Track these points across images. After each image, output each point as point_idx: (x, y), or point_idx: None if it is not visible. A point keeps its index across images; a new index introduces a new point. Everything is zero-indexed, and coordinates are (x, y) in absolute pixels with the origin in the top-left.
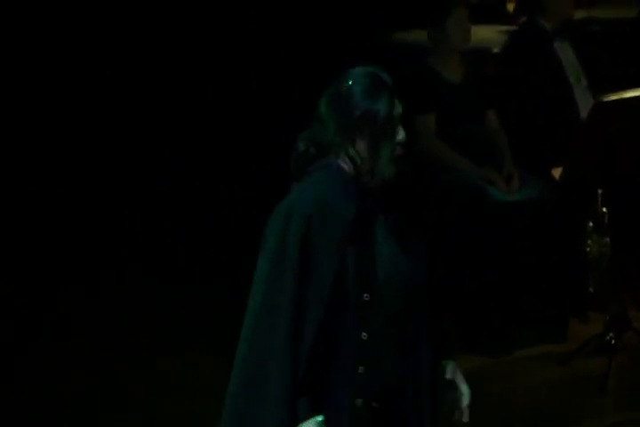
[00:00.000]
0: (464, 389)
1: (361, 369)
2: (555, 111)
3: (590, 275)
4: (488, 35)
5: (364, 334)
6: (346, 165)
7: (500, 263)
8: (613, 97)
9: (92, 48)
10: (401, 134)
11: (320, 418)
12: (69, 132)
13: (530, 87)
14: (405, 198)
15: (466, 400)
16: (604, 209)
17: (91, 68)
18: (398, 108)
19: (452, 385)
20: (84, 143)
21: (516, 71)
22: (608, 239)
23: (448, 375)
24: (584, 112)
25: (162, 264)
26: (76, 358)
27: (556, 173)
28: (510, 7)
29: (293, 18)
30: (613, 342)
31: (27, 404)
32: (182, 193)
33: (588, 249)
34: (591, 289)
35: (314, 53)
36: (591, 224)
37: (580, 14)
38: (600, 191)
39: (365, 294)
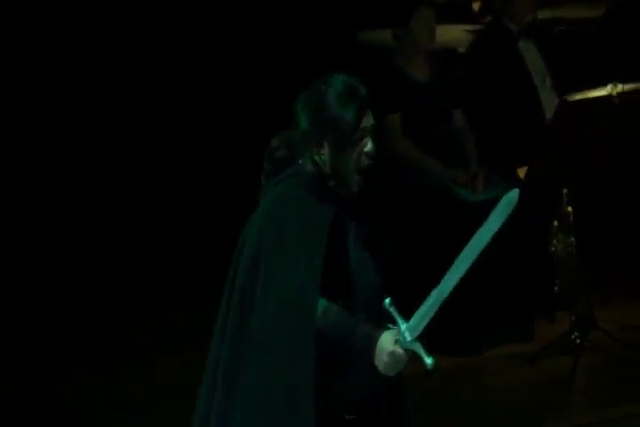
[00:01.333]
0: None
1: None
2: (519, 111)
3: (556, 275)
4: (454, 34)
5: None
6: (310, 169)
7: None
8: (578, 97)
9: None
10: (369, 146)
11: None
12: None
13: (494, 87)
14: (373, 208)
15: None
16: (570, 208)
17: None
18: (369, 120)
19: None
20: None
21: (480, 71)
22: (573, 239)
23: None
24: (549, 112)
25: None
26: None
27: (522, 172)
28: (476, 6)
29: (264, 19)
30: (579, 341)
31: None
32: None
33: (553, 249)
34: (557, 289)
35: (282, 53)
36: (556, 224)
37: (545, 14)
38: (565, 191)
39: (340, 300)
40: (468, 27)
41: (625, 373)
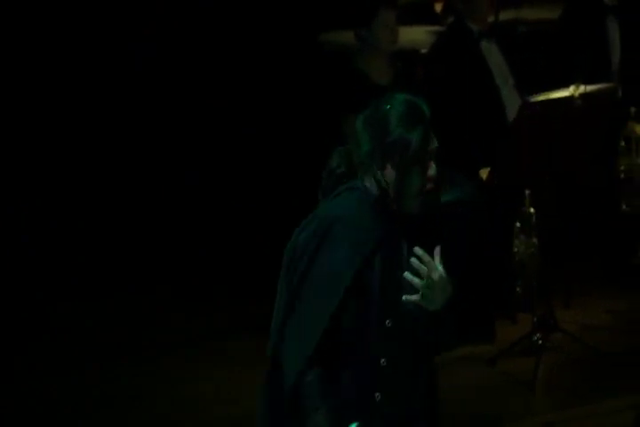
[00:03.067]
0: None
1: (378, 396)
2: (482, 112)
3: (518, 276)
4: (416, 35)
5: (384, 360)
6: (373, 189)
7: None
8: (541, 98)
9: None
10: (432, 169)
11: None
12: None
13: (456, 88)
14: (429, 230)
15: None
16: (532, 210)
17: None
18: (433, 142)
19: None
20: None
21: (442, 72)
22: (535, 240)
23: None
24: (511, 113)
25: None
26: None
27: (484, 173)
28: (438, 8)
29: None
30: (541, 342)
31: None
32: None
33: (515, 250)
34: (519, 290)
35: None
36: (518, 225)
37: (507, 15)
38: (527, 192)
39: (388, 320)
40: (431, 28)
41: (586, 373)
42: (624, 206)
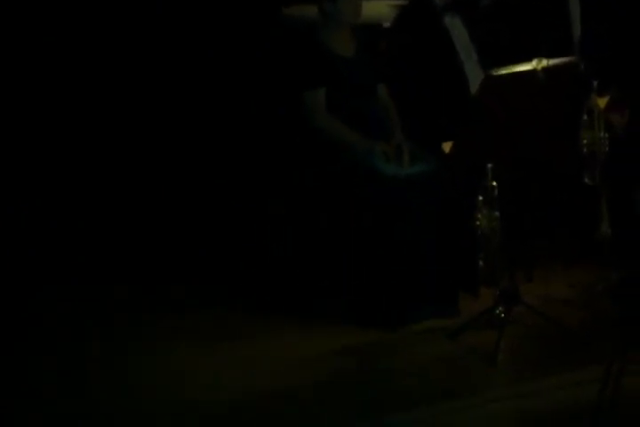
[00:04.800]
0: None
1: None
2: (444, 86)
3: (480, 249)
4: (379, 9)
5: None
6: None
7: (392, 239)
8: (503, 71)
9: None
10: None
11: None
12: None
13: (419, 62)
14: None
15: None
16: (494, 183)
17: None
18: None
19: None
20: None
21: (405, 46)
22: (498, 213)
23: None
24: (474, 87)
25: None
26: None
27: (447, 147)
28: None
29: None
30: (503, 315)
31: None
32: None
33: (477, 223)
34: (481, 264)
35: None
36: (481, 198)
37: None
38: (490, 166)
39: None
40: (394, 1)
41: (548, 346)
42: (586, 180)
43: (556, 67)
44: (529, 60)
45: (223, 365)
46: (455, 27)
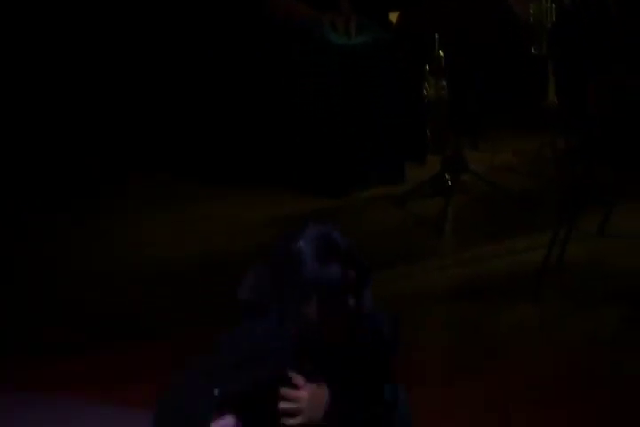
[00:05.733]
0: None
1: None
2: None
3: (427, 118)
4: None
5: None
6: (289, 323)
7: (340, 106)
8: None
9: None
10: (351, 302)
11: None
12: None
13: None
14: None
15: None
16: (441, 53)
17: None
18: (350, 275)
19: None
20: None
21: None
22: (445, 82)
23: None
24: None
25: None
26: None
27: (394, 17)
28: None
29: None
30: (450, 183)
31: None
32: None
33: (424, 92)
34: (428, 132)
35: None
36: (428, 68)
37: None
38: (437, 35)
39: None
40: None
41: (495, 213)
42: (533, 50)
43: None
44: None
45: (165, 228)
46: None
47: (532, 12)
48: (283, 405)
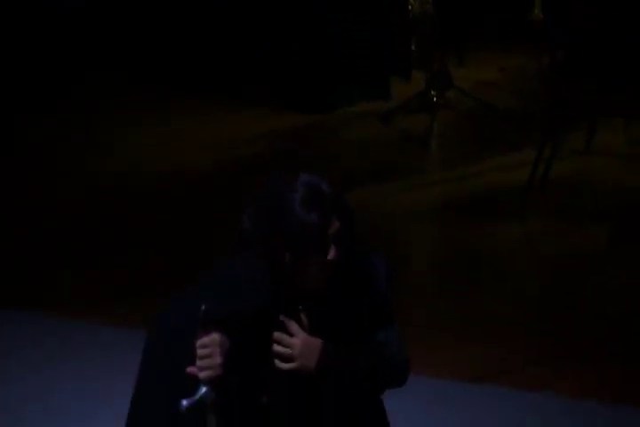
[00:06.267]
0: None
1: None
2: None
3: (412, 33)
4: None
5: None
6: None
7: (324, 21)
8: None
9: None
10: (332, 253)
11: None
12: None
13: None
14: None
15: None
16: None
17: None
18: (334, 226)
19: None
20: None
21: None
22: None
23: None
24: None
25: None
26: None
27: None
28: None
29: None
30: (435, 99)
31: None
32: None
33: (409, 7)
34: (413, 47)
35: None
36: None
37: None
38: None
39: (264, 397)
40: None
41: (480, 130)
42: None
43: None
44: None
45: (151, 141)
46: None
47: None
48: (276, 348)
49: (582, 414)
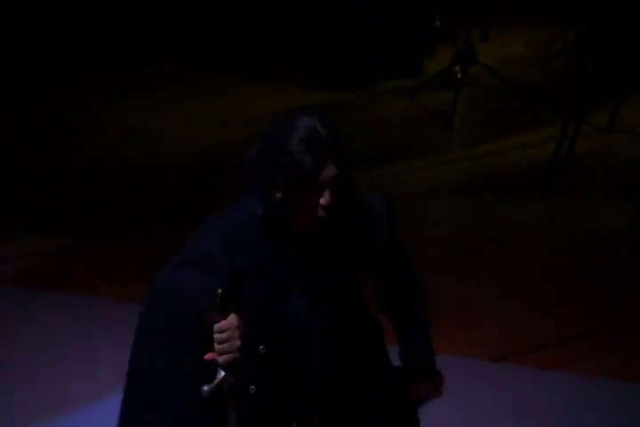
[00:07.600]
0: None
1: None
2: None
3: (436, 9)
4: None
5: (253, 387)
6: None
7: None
8: None
9: None
10: (325, 198)
11: None
12: None
13: None
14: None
15: None
16: None
17: None
18: (329, 170)
19: None
20: None
21: None
22: None
23: None
24: None
25: None
26: None
27: None
28: None
29: None
30: (460, 75)
31: None
32: None
33: None
34: (437, 24)
35: None
36: None
37: None
38: None
39: (261, 346)
40: None
41: (504, 107)
42: None
43: None
44: None
45: (171, 120)
46: None
47: None
48: None
49: (606, 393)
